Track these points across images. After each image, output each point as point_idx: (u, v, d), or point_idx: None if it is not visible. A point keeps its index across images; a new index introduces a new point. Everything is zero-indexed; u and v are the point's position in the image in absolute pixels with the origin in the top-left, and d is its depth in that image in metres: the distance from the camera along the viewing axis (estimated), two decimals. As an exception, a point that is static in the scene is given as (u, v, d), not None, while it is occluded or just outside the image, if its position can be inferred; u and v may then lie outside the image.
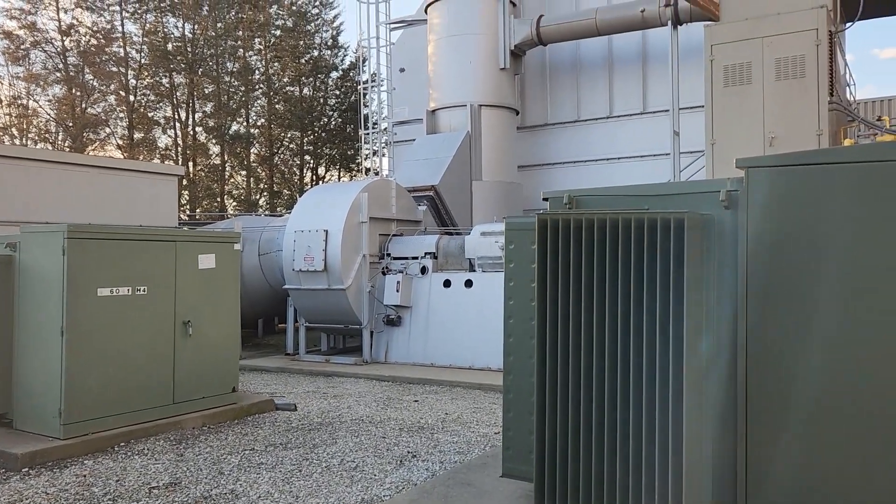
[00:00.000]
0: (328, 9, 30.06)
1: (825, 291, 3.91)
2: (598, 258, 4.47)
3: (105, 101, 24.11)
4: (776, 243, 4.07)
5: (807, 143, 9.15)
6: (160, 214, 13.90)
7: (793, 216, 4.02)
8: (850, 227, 3.85)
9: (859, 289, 3.81)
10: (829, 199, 3.89)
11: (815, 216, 3.93)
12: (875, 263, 3.77)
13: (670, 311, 4.20)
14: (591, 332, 4.46)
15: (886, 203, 3.73)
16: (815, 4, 9.46)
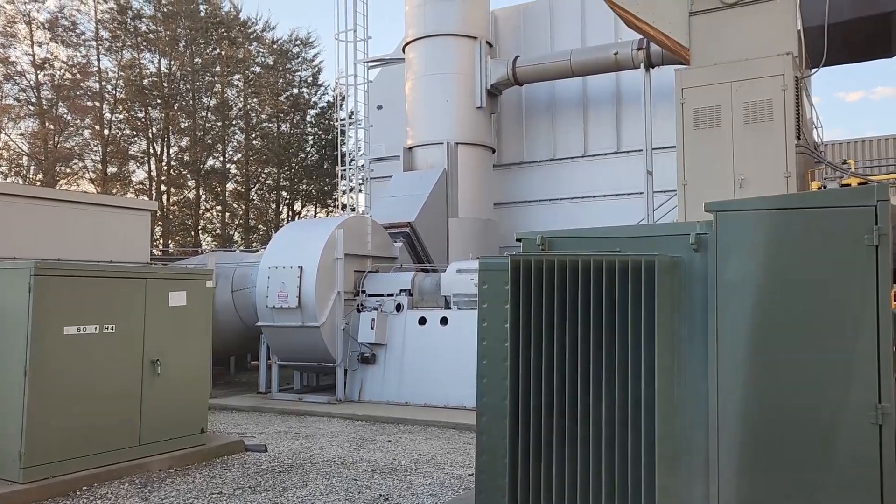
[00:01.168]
0: (308, 48, 30.32)
1: (785, 332, 3.95)
2: (571, 300, 4.48)
3: (79, 134, 23.92)
4: (744, 285, 4.11)
5: (775, 186, 9.32)
6: (132, 250, 13.71)
7: (759, 259, 4.07)
8: (804, 270, 3.92)
9: (816, 327, 3.87)
10: (785, 242, 3.97)
11: (776, 259, 4.00)
12: (825, 303, 3.85)
13: (642, 353, 4.21)
14: (563, 374, 4.44)
15: (833, 247, 3.82)
16: (782, 51, 9.73)
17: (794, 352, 3.94)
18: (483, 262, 5.43)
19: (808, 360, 3.89)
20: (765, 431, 4.01)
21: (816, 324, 3.89)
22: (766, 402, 4.01)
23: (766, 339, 4.04)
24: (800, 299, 3.95)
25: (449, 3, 17.43)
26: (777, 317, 4.00)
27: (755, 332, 4.09)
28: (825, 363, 3.83)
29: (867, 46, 10.77)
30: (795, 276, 3.98)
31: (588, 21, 18.39)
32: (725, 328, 4.20)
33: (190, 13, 26.01)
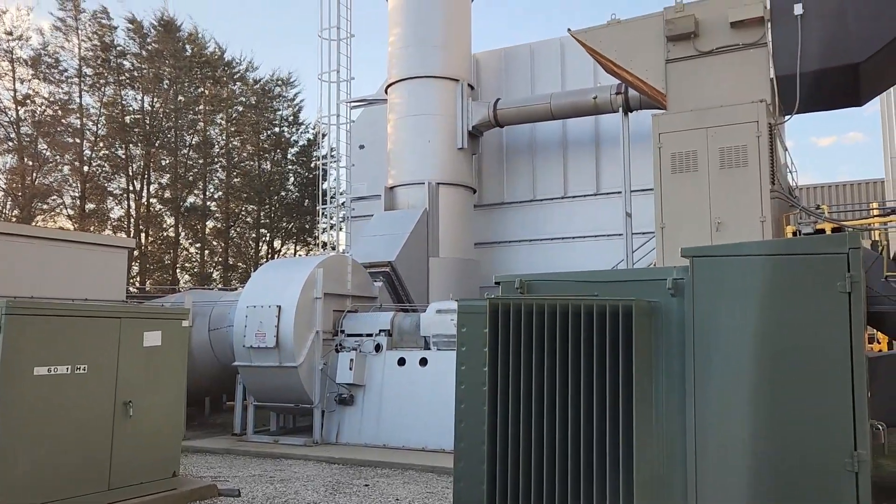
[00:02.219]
0: (290, 87, 30.57)
1: (760, 379, 3.97)
2: (550, 344, 4.47)
3: (58, 171, 23.77)
4: (719, 330, 4.14)
5: (751, 229, 9.46)
6: (108, 287, 13.55)
7: (734, 304, 4.11)
8: (778, 316, 3.97)
9: (791, 372, 3.90)
10: (760, 288, 4.01)
11: (751, 305, 4.03)
12: (799, 349, 3.89)
13: (620, 398, 4.20)
14: (541, 418, 4.41)
15: (807, 293, 3.88)
16: (755, 99, 9.97)
17: (769, 398, 3.95)
18: (462, 304, 5.42)
19: (783, 406, 3.90)
20: (741, 476, 4.00)
21: (791, 369, 3.92)
22: (742, 449, 4.00)
23: (741, 385, 4.05)
24: (775, 345, 3.97)
25: (431, 46, 17.71)
26: (752, 363, 4.02)
27: (731, 378, 4.10)
28: (800, 409, 3.84)
29: (837, 95, 11.07)
30: (771, 322, 4.01)
31: (568, 65, 18.74)
32: (702, 373, 4.21)
33: (175, 52, 26.17)
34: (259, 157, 29.57)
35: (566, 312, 4.38)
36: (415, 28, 17.77)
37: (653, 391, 4.38)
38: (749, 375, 4.08)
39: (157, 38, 26.22)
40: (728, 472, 4.04)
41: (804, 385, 3.89)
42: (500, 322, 4.64)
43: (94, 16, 24.59)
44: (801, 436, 3.83)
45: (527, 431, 4.46)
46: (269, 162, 29.95)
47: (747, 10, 10.31)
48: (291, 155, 30.57)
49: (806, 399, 3.87)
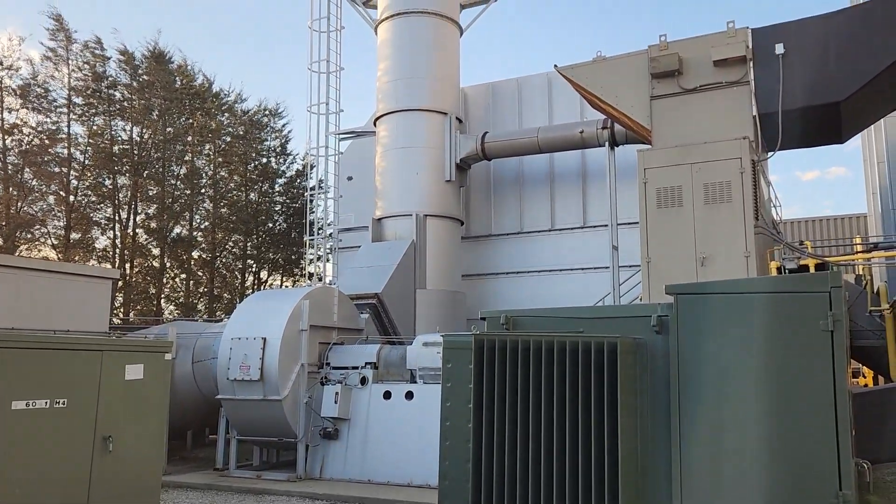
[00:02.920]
0: (278, 118, 30.71)
1: (744, 417, 3.97)
2: (535, 379, 4.46)
3: (43, 200, 23.62)
4: (704, 367, 4.14)
5: (736, 265, 9.52)
6: (91, 319, 13.40)
7: (718, 341, 4.12)
8: (761, 354, 3.98)
9: (774, 411, 3.90)
10: (744, 326, 4.03)
11: (735, 342, 4.05)
12: (783, 388, 3.88)
13: (605, 432, 4.17)
14: (526, 455, 4.37)
15: (789, 331, 3.90)
16: (738, 135, 10.11)
17: (754, 437, 3.94)
18: (447, 339, 5.40)
19: (768, 445, 3.89)
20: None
21: (775, 408, 3.92)
22: (728, 487, 3.98)
23: (725, 423, 4.05)
24: (759, 383, 3.98)
25: (420, 79, 17.88)
26: (736, 401, 4.02)
27: (715, 416, 4.09)
28: (785, 448, 3.83)
29: (819, 133, 11.25)
30: (755, 360, 4.02)
31: (555, 100, 18.96)
32: (687, 411, 4.20)
33: (165, 84, 26.27)
34: (246, 188, 29.56)
35: (551, 349, 4.38)
36: (403, 61, 17.96)
37: (638, 428, 4.36)
38: (733, 414, 4.07)
39: (147, 70, 26.33)
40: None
41: (788, 424, 3.89)
42: (486, 358, 4.62)
43: (85, 46, 24.70)
44: (785, 475, 3.82)
45: (511, 469, 4.41)
46: (257, 192, 29.95)
47: (730, 49, 10.51)
48: (279, 186, 30.59)
49: (790, 438, 3.86)
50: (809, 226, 25.69)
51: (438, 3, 18.08)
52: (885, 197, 18.29)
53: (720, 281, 4.26)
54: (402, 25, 18.03)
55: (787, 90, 10.20)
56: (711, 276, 9.59)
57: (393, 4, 18.14)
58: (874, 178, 20.46)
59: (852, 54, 9.99)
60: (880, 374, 11.11)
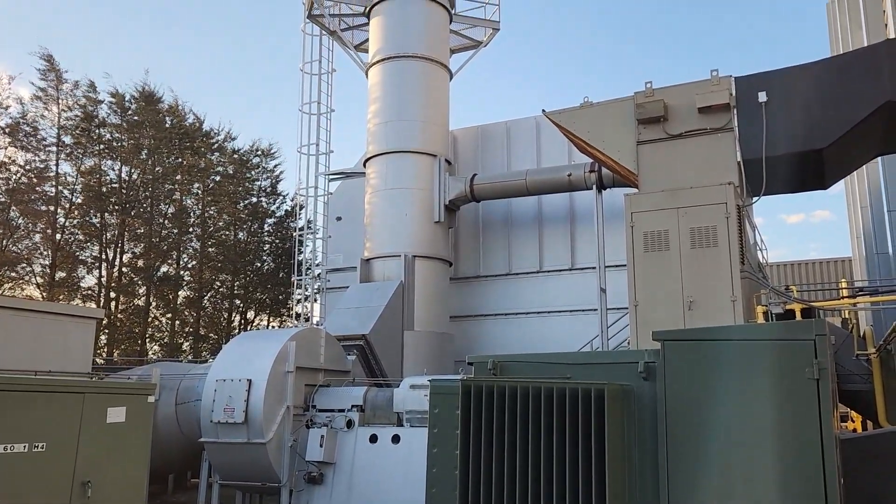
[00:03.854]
0: (269, 158, 30.82)
1: (732, 465, 3.94)
2: (522, 426, 4.42)
3: (29, 238, 23.46)
4: (691, 414, 4.12)
5: (723, 309, 9.56)
6: (73, 360, 13.18)
7: (705, 389, 4.11)
8: (749, 401, 3.97)
9: (762, 461, 3.87)
10: (730, 373, 4.03)
11: (721, 389, 4.04)
12: (771, 437, 3.88)
13: (593, 480, 4.13)
14: (513, 502, 4.31)
15: (776, 379, 3.90)
16: (724, 181, 10.25)
17: (741, 484, 3.91)
18: (434, 384, 5.36)
19: (755, 493, 3.86)
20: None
21: (762, 456, 3.89)
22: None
23: (713, 470, 4.01)
24: (745, 430, 3.96)
25: (410, 122, 18.06)
26: (724, 448, 3.99)
27: (703, 463, 4.06)
28: (770, 496, 3.80)
29: (803, 179, 11.42)
30: (741, 407, 4.01)
31: (543, 143, 19.18)
32: (675, 458, 4.17)
33: (155, 123, 26.39)
34: (235, 227, 29.52)
35: (539, 395, 4.35)
36: (394, 104, 18.16)
37: (626, 475, 4.32)
38: (721, 461, 4.04)
39: (137, 110, 26.46)
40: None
41: (775, 471, 3.86)
42: (473, 404, 4.58)
43: (76, 85, 24.83)
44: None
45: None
46: (245, 232, 29.91)
47: (713, 96, 10.71)
48: (268, 225, 30.58)
49: (777, 486, 3.83)
50: (795, 269, 25.90)
51: (428, 49, 18.37)
52: (868, 241, 18.50)
53: (706, 328, 4.27)
54: (392, 69, 18.29)
55: (770, 137, 10.37)
56: (699, 319, 9.61)
57: (384, 49, 18.42)
58: (858, 223, 20.73)
59: (834, 103, 10.21)
60: (869, 418, 11.10)
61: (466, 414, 4.57)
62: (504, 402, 4.48)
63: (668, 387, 4.26)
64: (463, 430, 4.60)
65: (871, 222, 18.20)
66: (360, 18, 19.95)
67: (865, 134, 10.51)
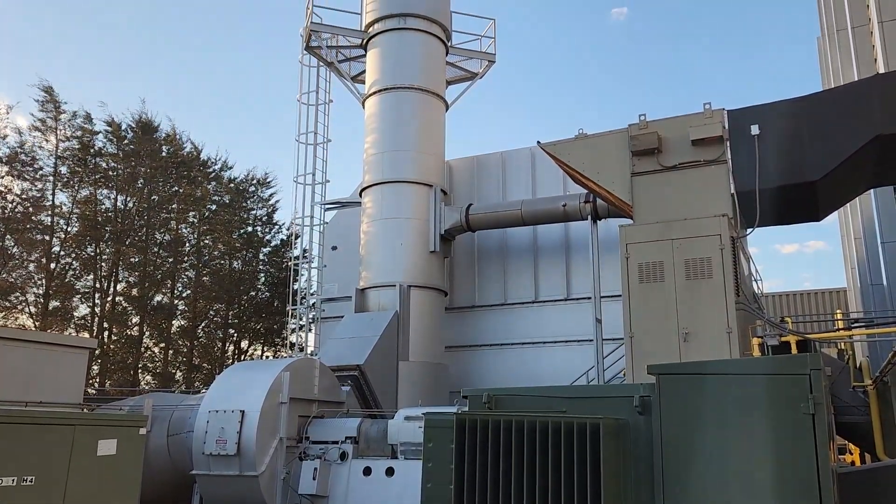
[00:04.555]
0: (265, 188, 30.92)
1: (724, 494, 3.90)
2: (517, 461, 4.38)
3: (23, 268, 23.38)
4: (687, 449, 4.09)
5: (719, 341, 9.54)
6: (65, 390, 13.08)
7: (700, 423, 4.08)
8: (745, 435, 3.94)
9: (760, 497, 3.83)
10: (726, 407, 4.01)
11: (717, 424, 4.01)
12: (767, 471, 3.84)
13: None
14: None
15: (771, 413, 3.88)
16: (718, 213, 10.30)
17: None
18: (429, 417, 5.32)
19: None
20: None
21: (757, 492, 3.85)
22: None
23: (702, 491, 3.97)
24: (742, 465, 3.93)
25: (406, 152, 18.16)
26: (720, 483, 3.96)
27: (699, 499, 4.02)
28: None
29: (796, 211, 11.48)
30: (737, 442, 3.98)
31: (538, 173, 19.28)
32: (671, 493, 4.12)
33: (151, 152, 26.50)
34: (230, 256, 29.48)
35: (534, 429, 4.31)
36: (390, 135, 18.28)
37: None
38: (717, 496, 4.00)
39: (134, 140, 26.58)
40: None
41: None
42: (468, 438, 4.54)
43: (73, 116, 24.97)
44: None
45: (493, 556, 4.29)
46: (241, 261, 29.87)
47: (706, 129, 10.81)
48: (264, 255, 30.55)
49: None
50: (790, 299, 25.93)
51: (425, 80, 18.55)
52: (863, 272, 18.55)
53: (701, 362, 4.26)
54: (389, 100, 18.43)
55: (763, 169, 10.46)
56: (694, 351, 9.59)
57: (381, 80, 18.59)
58: (852, 254, 20.81)
59: (825, 136, 10.31)
60: (866, 451, 11.02)
61: (461, 448, 4.53)
62: (499, 437, 4.45)
63: (663, 421, 4.24)
64: (457, 465, 4.56)
65: (864, 253, 18.28)
66: (358, 50, 20.17)
67: (857, 167, 10.60)
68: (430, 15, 18.77)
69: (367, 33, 19.19)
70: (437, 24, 18.96)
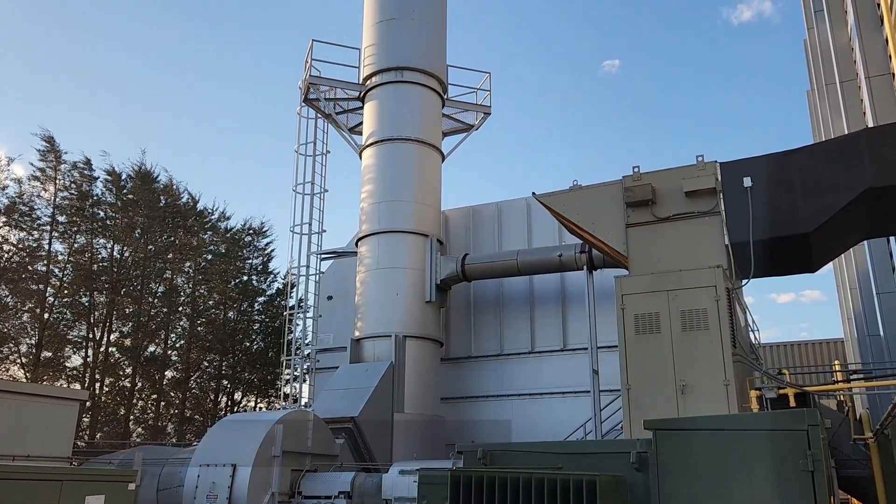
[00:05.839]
0: (261, 237, 30.96)
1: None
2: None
3: (17, 318, 23.21)
4: (682, 502, 4.02)
5: (716, 393, 9.45)
6: (55, 442, 12.86)
7: (698, 479, 4.02)
8: (743, 492, 3.87)
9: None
10: (723, 464, 3.95)
11: (715, 480, 3.95)
12: None
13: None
14: None
15: (770, 469, 3.81)
16: (712, 264, 10.33)
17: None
18: (423, 473, 5.23)
19: None
20: None
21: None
22: None
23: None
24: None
25: (403, 202, 18.27)
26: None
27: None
28: None
29: (789, 262, 11.52)
30: (735, 499, 3.91)
31: (534, 224, 19.38)
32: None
33: (149, 202, 26.61)
34: (225, 306, 29.34)
35: (529, 486, 4.24)
36: (387, 185, 18.40)
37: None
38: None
39: (133, 189, 26.73)
40: None
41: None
42: (462, 495, 4.46)
43: (73, 166, 25.14)
44: None
45: None
46: (236, 311, 29.72)
47: (700, 181, 10.92)
48: (259, 304, 30.41)
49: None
50: (788, 350, 25.80)
51: (421, 132, 18.78)
52: (860, 323, 18.52)
53: (698, 417, 4.21)
54: (386, 151, 18.62)
55: (756, 222, 10.52)
56: (692, 404, 9.49)
57: (378, 131, 18.81)
58: (848, 304, 20.80)
59: (817, 189, 10.41)
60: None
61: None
62: (494, 494, 4.36)
63: (660, 478, 4.17)
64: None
65: (860, 304, 18.27)
66: (355, 102, 20.47)
67: (850, 219, 10.67)
68: (426, 68, 19.12)
69: (365, 86, 19.51)
70: (433, 77, 19.29)
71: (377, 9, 19.66)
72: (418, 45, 19.19)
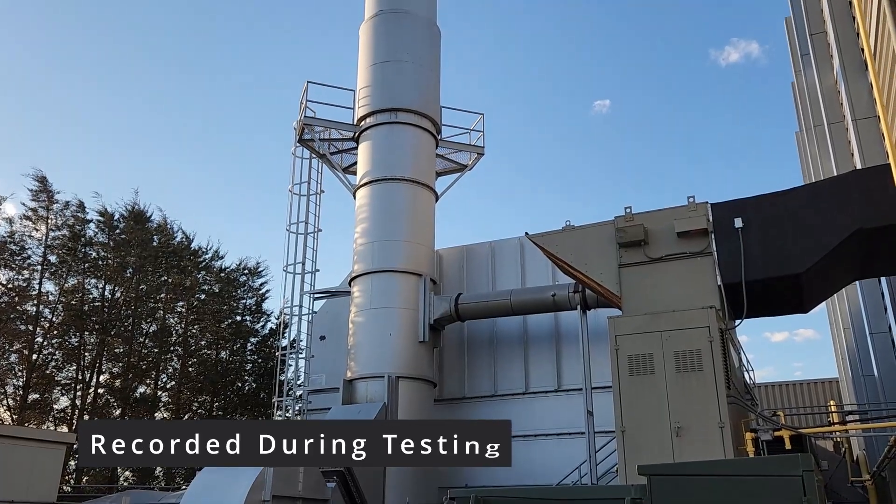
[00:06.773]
0: (255, 277, 30.88)
1: None
2: (505, 569, 4.19)
3: (4, 359, 22.94)
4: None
5: (711, 435, 9.36)
6: (40, 487, 12.59)
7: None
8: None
9: None
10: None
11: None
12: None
13: None
14: None
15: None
16: (705, 304, 10.32)
17: None
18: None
19: None
20: None
21: None
22: None
23: None
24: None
25: (396, 242, 18.28)
26: None
27: None
28: None
29: (782, 303, 11.54)
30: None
31: (527, 263, 19.39)
32: None
33: (142, 242, 26.55)
34: (218, 346, 29.11)
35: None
36: (380, 225, 18.43)
37: None
38: None
39: (125, 229, 26.69)
40: None
41: None
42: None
43: (66, 206, 25.12)
44: None
45: None
46: (228, 351, 29.47)
47: (691, 222, 10.98)
48: (251, 344, 30.17)
49: None
50: (783, 390, 25.68)
51: (415, 172, 18.89)
52: (854, 362, 18.47)
53: (692, 462, 4.16)
54: (380, 191, 18.69)
55: (748, 262, 10.56)
56: (687, 446, 9.39)
57: (372, 171, 18.91)
58: (842, 343, 20.78)
59: (808, 230, 10.48)
60: (869, 550, 10.65)
61: (447, 554, 4.34)
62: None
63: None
64: (443, 573, 4.36)
65: (854, 344, 18.24)
66: (350, 143, 20.62)
67: (841, 260, 10.72)
68: (420, 109, 19.32)
69: (359, 126, 19.67)
70: (427, 118, 19.48)
71: (372, 51, 19.93)
72: (412, 87, 19.43)
